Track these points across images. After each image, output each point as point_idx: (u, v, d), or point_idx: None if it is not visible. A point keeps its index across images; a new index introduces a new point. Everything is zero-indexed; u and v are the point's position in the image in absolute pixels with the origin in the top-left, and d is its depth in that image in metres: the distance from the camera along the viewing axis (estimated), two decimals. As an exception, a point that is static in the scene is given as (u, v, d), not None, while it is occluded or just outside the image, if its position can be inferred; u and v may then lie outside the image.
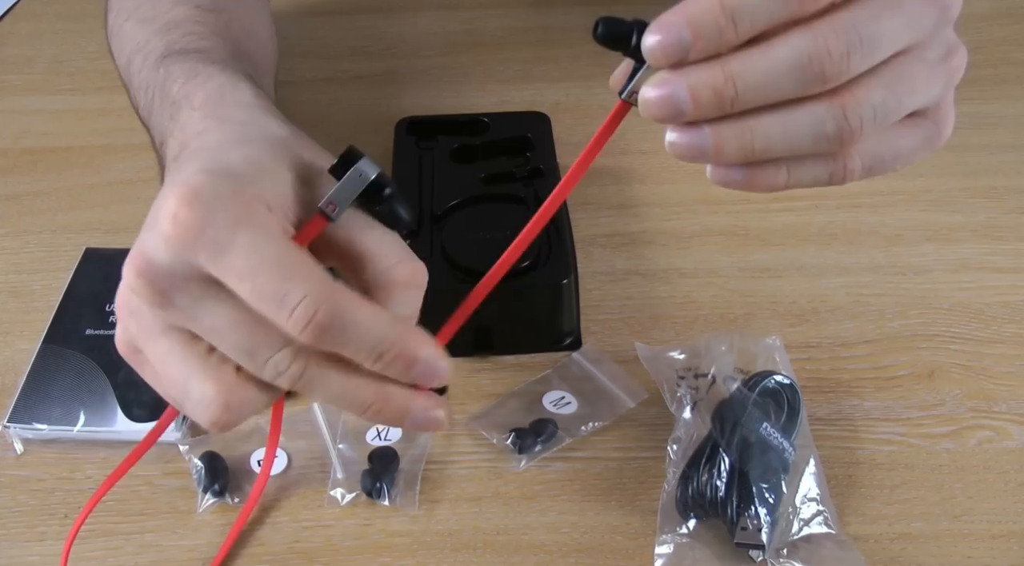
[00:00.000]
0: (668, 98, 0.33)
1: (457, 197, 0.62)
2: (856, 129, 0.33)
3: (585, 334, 0.60)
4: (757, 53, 0.32)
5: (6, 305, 0.63)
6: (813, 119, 0.33)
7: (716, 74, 0.32)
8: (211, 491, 0.50)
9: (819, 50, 0.32)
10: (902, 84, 0.34)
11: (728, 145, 0.33)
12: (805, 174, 0.35)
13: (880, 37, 0.32)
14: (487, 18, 0.92)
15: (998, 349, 0.58)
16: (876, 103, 0.33)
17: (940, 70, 0.35)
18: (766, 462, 0.47)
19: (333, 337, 0.32)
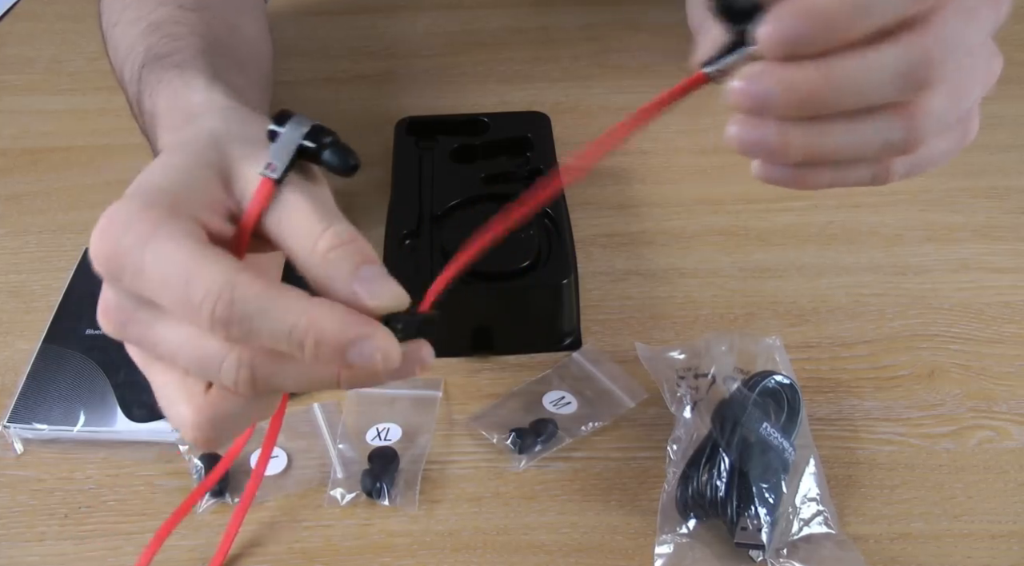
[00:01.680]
0: (760, 95, 0.31)
1: (457, 197, 0.62)
2: (921, 139, 0.33)
3: (585, 334, 0.60)
4: (860, 58, 0.31)
5: (6, 305, 0.63)
6: (884, 128, 0.32)
7: (816, 77, 0.31)
8: (210, 491, 0.50)
9: (924, 57, 0.31)
10: (960, 91, 0.34)
11: (794, 147, 0.33)
12: (851, 175, 0.35)
13: (964, 44, 0.32)
14: (487, 18, 0.92)
15: (998, 349, 0.58)
16: (939, 112, 0.33)
17: (985, 76, 0.35)
18: (766, 462, 0.47)
19: (242, 328, 0.31)
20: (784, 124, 0.32)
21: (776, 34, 0.30)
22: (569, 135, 0.73)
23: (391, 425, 0.54)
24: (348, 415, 0.55)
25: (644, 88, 0.80)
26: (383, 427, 0.54)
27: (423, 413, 0.55)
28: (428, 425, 0.54)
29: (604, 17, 0.91)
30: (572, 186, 0.67)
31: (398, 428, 0.54)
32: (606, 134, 0.35)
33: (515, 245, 0.58)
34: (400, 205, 0.63)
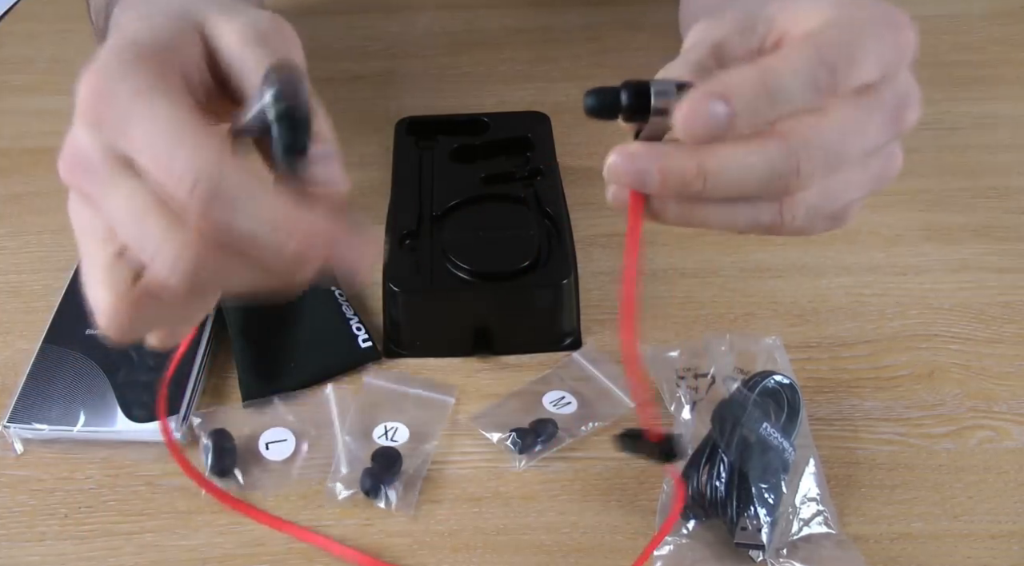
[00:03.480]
0: (637, 174, 0.34)
1: (457, 197, 0.62)
2: (788, 225, 0.35)
3: (585, 334, 0.60)
4: (733, 157, 0.33)
5: (6, 305, 0.63)
6: (753, 213, 0.35)
7: (690, 166, 0.33)
8: (216, 470, 0.51)
9: (790, 168, 0.33)
10: (833, 194, 0.35)
11: (668, 213, 0.35)
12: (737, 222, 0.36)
13: (844, 157, 0.34)
14: (487, 18, 0.92)
15: (998, 349, 0.58)
16: (813, 205, 0.35)
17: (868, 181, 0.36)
18: (766, 462, 0.47)
19: (223, 212, 0.30)
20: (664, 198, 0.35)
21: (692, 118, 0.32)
22: (569, 135, 0.73)
23: (399, 425, 0.54)
24: (358, 407, 0.55)
25: (644, 88, 0.80)
26: (391, 426, 0.54)
27: (433, 417, 0.55)
28: (436, 431, 0.54)
29: (604, 17, 0.91)
30: (573, 187, 0.67)
31: (406, 429, 0.54)
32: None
33: (515, 245, 0.58)
34: (400, 205, 0.63)
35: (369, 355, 0.58)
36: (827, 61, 0.32)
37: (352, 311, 0.60)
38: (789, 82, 0.32)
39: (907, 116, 0.35)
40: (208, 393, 0.56)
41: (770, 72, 0.32)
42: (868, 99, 0.34)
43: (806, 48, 0.33)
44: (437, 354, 0.59)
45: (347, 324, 0.59)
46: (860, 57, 0.33)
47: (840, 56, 0.33)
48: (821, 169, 0.33)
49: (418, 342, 0.59)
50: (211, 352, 0.58)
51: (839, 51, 0.33)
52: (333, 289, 0.61)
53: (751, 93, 0.32)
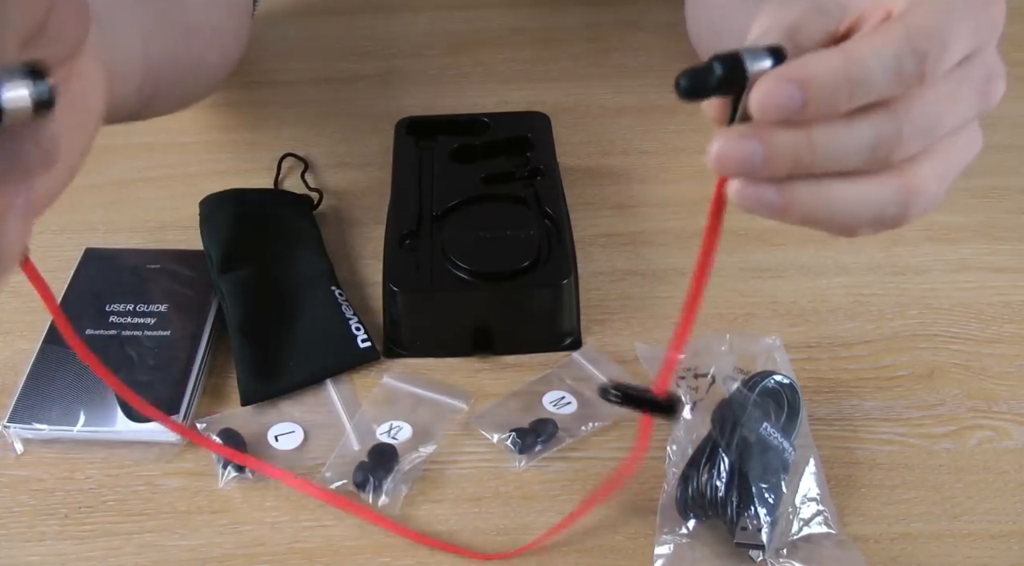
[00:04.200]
0: (743, 158, 0.32)
1: (457, 197, 0.62)
2: (911, 216, 0.34)
3: (585, 334, 0.60)
4: (842, 127, 0.32)
5: (6, 305, 0.63)
6: (879, 198, 0.34)
7: (801, 140, 0.32)
8: (232, 466, 0.51)
9: (894, 136, 0.32)
10: (948, 172, 0.35)
11: (796, 206, 0.34)
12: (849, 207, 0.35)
13: (941, 127, 0.33)
14: (487, 18, 0.92)
15: (998, 349, 0.58)
16: (932, 192, 0.34)
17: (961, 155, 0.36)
18: (766, 462, 0.47)
19: None
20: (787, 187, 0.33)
21: (769, 101, 0.31)
22: (569, 135, 0.73)
23: (404, 424, 0.54)
24: (369, 404, 0.55)
25: (644, 88, 0.80)
26: (396, 424, 0.54)
27: (440, 420, 0.55)
28: (439, 434, 0.54)
29: (604, 17, 0.91)
30: (573, 187, 0.67)
31: (409, 429, 0.54)
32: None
33: (515, 245, 0.58)
34: (400, 205, 0.63)
35: (368, 355, 0.58)
36: (917, 48, 0.31)
37: (352, 311, 0.60)
38: (873, 71, 0.31)
39: (994, 90, 0.35)
40: (208, 393, 0.56)
41: (854, 60, 0.31)
42: (960, 72, 0.33)
43: (895, 33, 0.31)
44: (437, 354, 0.59)
45: (346, 324, 0.59)
46: (951, 40, 0.32)
47: (931, 42, 0.31)
48: (922, 141, 0.33)
49: (418, 342, 0.59)
50: (211, 352, 0.58)
51: (930, 36, 0.31)
52: (333, 289, 0.61)
53: (831, 82, 0.31)
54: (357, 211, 0.69)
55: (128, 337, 0.57)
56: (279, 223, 0.65)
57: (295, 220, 0.66)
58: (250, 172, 0.71)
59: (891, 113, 0.32)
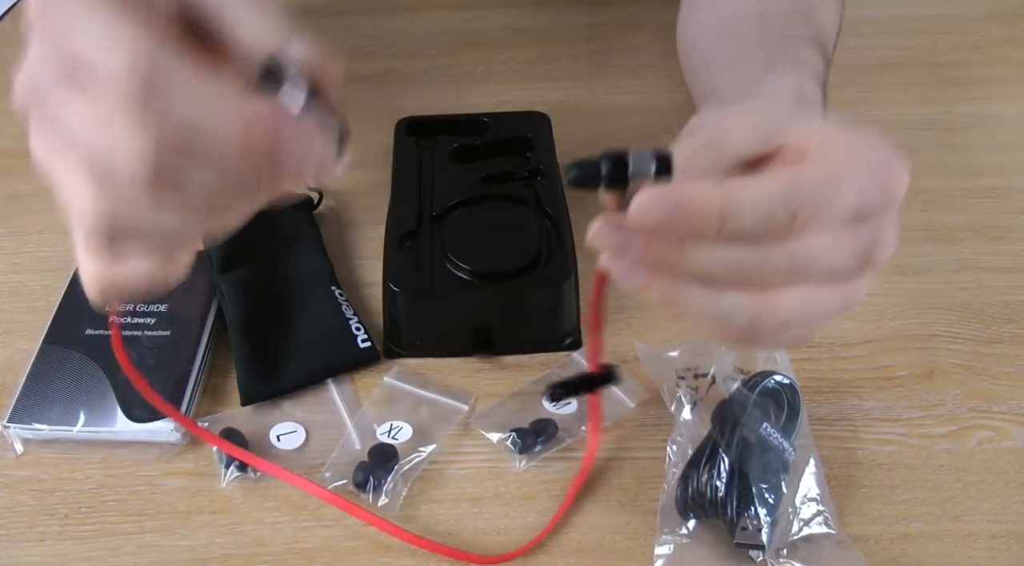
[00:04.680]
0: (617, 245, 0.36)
1: (457, 197, 0.62)
2: (761, 333, 0.36)
3: (585, 334, 0.60)
4: (711, 246, 0.34)
5: (6, 305, 0.63)
6: (730, 308, 0.35)
7: (671, 247, 0.34)
8: (234, 465, 0.51)
9: (758, 268, 0.34)
10: (814, 311, 0.36)
11: (653, 290, 0.36)
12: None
13: (812, 274, 0.35)
14: (487, 18, 0.92)
15: (998, 349, 0.58)
16: (787, 320, 0.35)
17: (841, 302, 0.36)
18: (766, 462, 0.47)
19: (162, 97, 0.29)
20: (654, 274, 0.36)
21: (642, 213, 0.33)
22: (569, 135, 0.73)
23: (404, 424, 0.54)
24: (369, 404, 0.55)
25: (644, 88, 0.80)
26: (397, 425, 0.54)
27: (441, 421, 0.55)
28: (440, 434, 0.54)
29: (604, 17, 0.91)
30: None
31: (409, 429, 0.54)
32: None
33: (515, 245, 0.58)
34: (400, 205, 0.63)
35: (368, 355, 0.58)
36: (792, 205, 0.33)
37: (352, 311, 0.60)
38: (745, 214, 0.33)
39: (878, 256, 0.36)
40: (208, 393, 0.56)
41: (731, 200, 0.33)
42: (845, 232, 0.35)
43: (777, 185, 0.33)
44: (437, 354, 0.59)
45: (346, 324, 0.59)
46: (830, 204, 0.33)
47: (808, 202, 0.33)
48: (784, 275, 0.34)
49: (418, 342, 0.59)
50: (211, 352, 0.58)
51: (807, 197, 0.33)
52: (333, 289, 0.61)
53: (703, 214, 0.33)
54: (357, 211, 0.69)
55: (128, 337, 0.57)
56: (279, 223, 0.65)
57: (295, 220, 0.66)
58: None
59: (760, 247, 0.34)
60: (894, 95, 0.80)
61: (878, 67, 0.83)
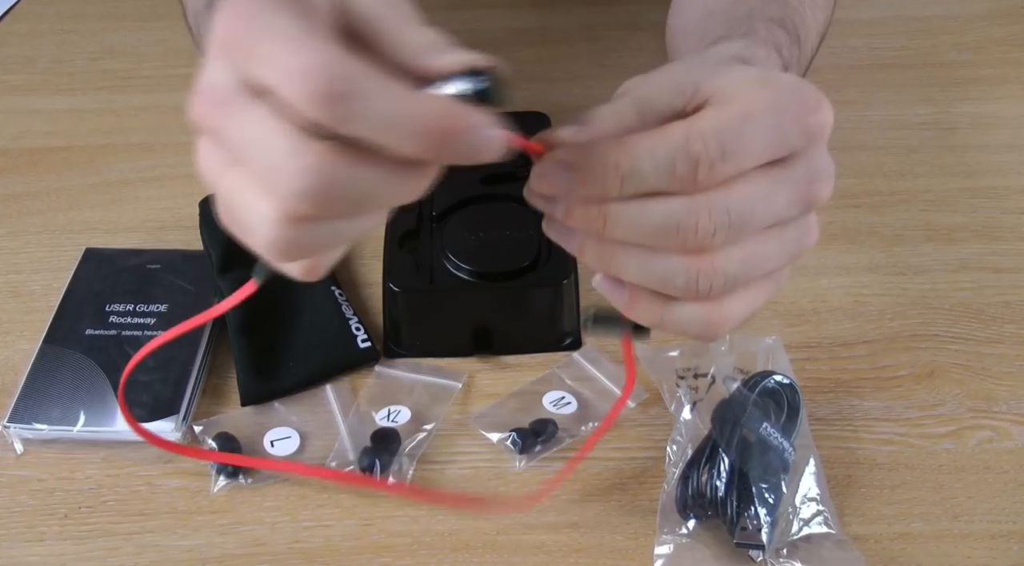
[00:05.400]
0: (547, 203, 0.36)
1: (457, 197, 0.62)
2: (705, 291, 0.35)
3: (585, 334, 0.60)
4: (634, 204, 0.34)
5: (6, 305, 0.63)
6: (666, 268, 0.35)
7: (592, 208, 0.35)
8: (224, 472, 0.51)
9: (689, 223, 0.34)
10: (760, 259, 0.36)
11: (588, 251, 0.36)
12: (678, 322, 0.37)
13: (749, 223, 0.34)
14: (487, 18, 0.92)
15: (998, 349, 0.58)
16: (731, 273, 0.35)
17: (791, 247, 0.37)
18: (766, 462, 0.47)
19: (347, 108, 0.28)
20: (584, 233, 0.36)
21: (543, 183, 0.35)
22: (569, 135, 0.72)
23: (402, 408, 0.55)
24: (365, 393, 0.56)
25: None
26: (395, 409, 0.55)
27: (437, 401, 0.55)
28: (438, 412, 0.55)
29: (604, 17, 0.91)
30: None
31: (408, 412, 0.55)
32: None
33: (515, 245, 0.58)
34: (400, 205, 0.63)
35: (368, 355, 0.58)
36: (691, 153, 0.33)
37: (352, 311, 0.60)
38: (644, 168, 0.33)
39: (818, 191, 0.36)
40: (208, 393, 0.56)
41: (627, 156, 0.33)
42: (777, 172, 0.35)
43: (674, 135, 0.33)
44: (437, 354, 0.59)
45: (346, 324, 0.59)
46: (738, 149, 0.33)
47: (708, 148, 0.33)
48: (724, 231, 0.34)
49: (418, 342, 0.59)
50: (211, 352, 0.58)
51: (708, 143, 0.33)
52: (333, 289, 0.61)
53: (600, 172, 0.33)
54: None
55: (128, 337, 0.57)
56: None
57: (295, 220, 0.66)
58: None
59: (689, 201, 0.34)
60: (894, 95, 0.80)
61: (878, 67, 0.83)
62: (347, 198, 0.31)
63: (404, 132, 0.30)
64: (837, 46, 0.66)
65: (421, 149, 0.30)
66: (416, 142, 0.30)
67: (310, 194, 0.30)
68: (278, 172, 0.30)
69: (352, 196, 0.31)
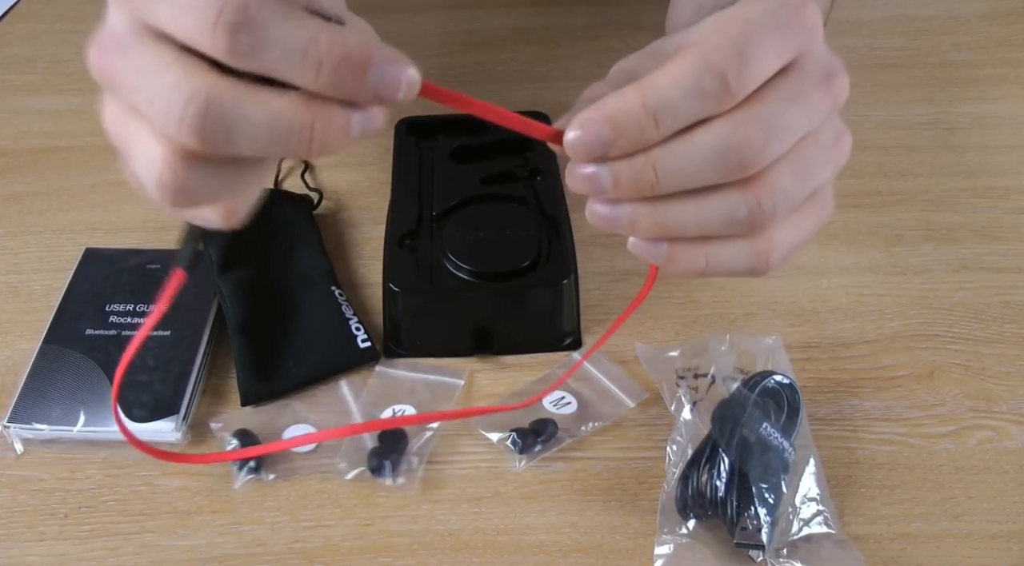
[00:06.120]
0: (591, 177, 0.34)
1: (457, 197, 0.62)
2: (769, 214, 0.34)
3: (585, 334, 0.60)
4: (680, 142, 0.33)
5: (6, 305, 0.63)
6: (726, 205, 0.34)
7: (639, 161, 0.33)
8: (247, 467, 0.51)
9: (739, 140, 0.33)
10: (807, 169, 0.35)
11: (641, 223, 0.35)
12: (724, 262, 0.36)
13: (790, 126, 0.34)
14: (487, 18, 0.92)
15: (998, 349, 0.58)
16: (786, 188, 0.34)
17: (832, 154, 0.36)
18: (766, 462, 0.47)
19: (252, 37, 0.28)
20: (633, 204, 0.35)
21: (578, 143, 0.33)
22: (569, 135, 0.72)
23: (407, 407, 0.55)
24: (368, 394, 0.56)
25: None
26: (399, 408, 0.55)
27: (441, 399, 0.56)
28: (443, 410, 0.55)
29: (604, 17, 0.91)
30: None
31: (413, 410, 0.55)
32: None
33: (515, 245, 0.58)
34: (400, 205, 0.63)
35: (368, 355, 0.58)
36: (714, 66, 0.32)
37: (352, 311, 0.60)
38: (673, 96, 0.32)
39: (838, 85, 0.36)
40: (208, 393, 0.56)
41: (651, 90, 0.32)
42: (794, 74, 0.34)
43: (690, 58, 0.32)
44: (437, 354, 0.59)
45: (346, 324, 0.59)
46: (753, 52, 0.32)
47: (728, 58, 0.32)
48: (774, 140, 0.33)
49: (418, 342, 0.59)
50: (211, 352, 0.58)
51: (725, 53, 0.32)
52: (333, 289, 0.61)
53: (631, 115, 0.32)
54: (357, 211, 0.69)
55: (128, 337, 0.57)
56: (279, 223, 0.65)
57: (295, 220, 0.66)
58: (250, 172, 0.72)
59: (731, 120, 0.33)
60: (894, 95, 0.80)
61: (878, 67, 0.83)
62: (234, 131, 0.29)
63: (306, 60, 0.29)
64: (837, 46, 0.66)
65: (324, 81, 0.29)
66: (318, 72, 0.29)
67: (197, 124, 0.29)
68: (166, 102, 0.29)
69: (239, 130, 0.29)
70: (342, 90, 0.29)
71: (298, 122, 0.30)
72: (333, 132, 0.30)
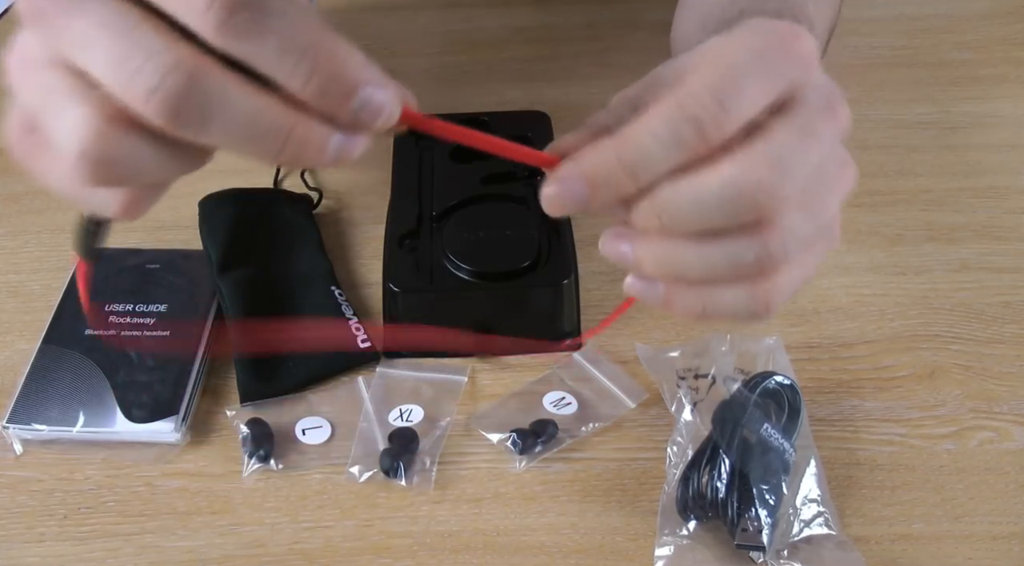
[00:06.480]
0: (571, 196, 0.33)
1: (457, 197, 0.62)
2: (778, 259, 0.33)
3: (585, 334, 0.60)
4: (686, 185, 0.32)
5: (6, 305, 0.63)
6: (733, 249, 0.33)
7: (644, 206, 0.33)
8: (256, 456, 0.52)
9: (751, 184, 0.31)
10: (815, 204, 0.34)
11: (646, 260, 0.35)
12: (723, 308, 0.35)
13: (801, 163, 0.32)
14: (487, 17, 0.92)
15: (999, 349, 0.58)
16: (795, 228, 0.33)
17: (838, 184, 0.36)
18: (766, 463, 0.47)
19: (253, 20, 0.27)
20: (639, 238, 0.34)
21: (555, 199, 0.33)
22: (569, 135, 0.72)
23: (414, 407, 0.55)
24: (373, 395, 0.56)
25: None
26: (406, 408, 0.55)
27: (446, 398, 0.56)
28: (450, 409, 0.55)
29: (604, 16, 0.90)
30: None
31: (420, 410, 0.55)
32: None
33: (515, 245, 0.58)
34: (400, 205, 0.63)
35: (368, 356, 0.58)
36: (690, 115, 0.31)
37: (352, 311, 0.60)
38: (649, 148, 0.31)
39: (841, 112, 0.35)
40: (208, 393, 0.56)
41: (626, 143, 0.32)
42: (797, 107, 0.33)
43: (665, 106, 0.31)
44: (437, 354, 0.58)
45: (346, 324, 0.59)
46: (733, 96, 0.31)
47: (704, 105, 0.31)
48: (787, 180, 0.32)
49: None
50: (211, 352, 0.58)
51: (701, 100, 0.31)
52: (333, 288, 0.61)
53: (606, 170, 0.32)
54: (357, 211, 0.69)
55: (128, 337, 0.57)
56: (279, 223, 0.65)
57: (295, 220, 0.66)
58: (250, 172, 0.71)
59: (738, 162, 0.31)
60: (894, 95, 0.80)
61: (879, 66, 0.83)
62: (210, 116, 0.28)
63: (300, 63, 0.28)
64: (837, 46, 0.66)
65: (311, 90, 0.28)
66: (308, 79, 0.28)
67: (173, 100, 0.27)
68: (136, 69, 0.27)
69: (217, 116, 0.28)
70: (324, 103, 0.29)
71: (278, 124, 0.28)
72: (309, 146, 0.29)
